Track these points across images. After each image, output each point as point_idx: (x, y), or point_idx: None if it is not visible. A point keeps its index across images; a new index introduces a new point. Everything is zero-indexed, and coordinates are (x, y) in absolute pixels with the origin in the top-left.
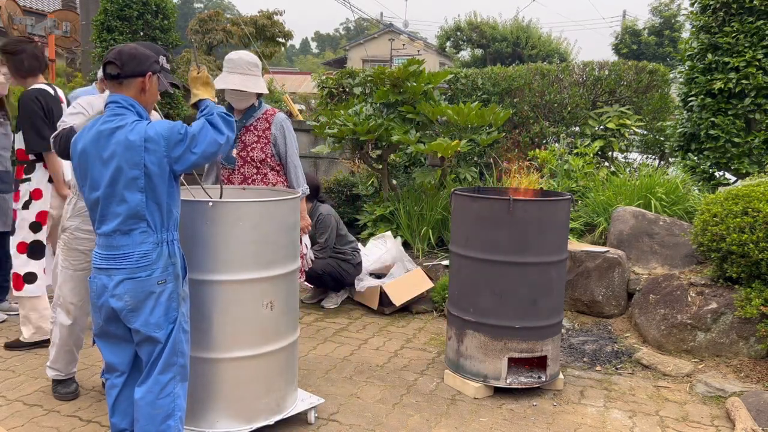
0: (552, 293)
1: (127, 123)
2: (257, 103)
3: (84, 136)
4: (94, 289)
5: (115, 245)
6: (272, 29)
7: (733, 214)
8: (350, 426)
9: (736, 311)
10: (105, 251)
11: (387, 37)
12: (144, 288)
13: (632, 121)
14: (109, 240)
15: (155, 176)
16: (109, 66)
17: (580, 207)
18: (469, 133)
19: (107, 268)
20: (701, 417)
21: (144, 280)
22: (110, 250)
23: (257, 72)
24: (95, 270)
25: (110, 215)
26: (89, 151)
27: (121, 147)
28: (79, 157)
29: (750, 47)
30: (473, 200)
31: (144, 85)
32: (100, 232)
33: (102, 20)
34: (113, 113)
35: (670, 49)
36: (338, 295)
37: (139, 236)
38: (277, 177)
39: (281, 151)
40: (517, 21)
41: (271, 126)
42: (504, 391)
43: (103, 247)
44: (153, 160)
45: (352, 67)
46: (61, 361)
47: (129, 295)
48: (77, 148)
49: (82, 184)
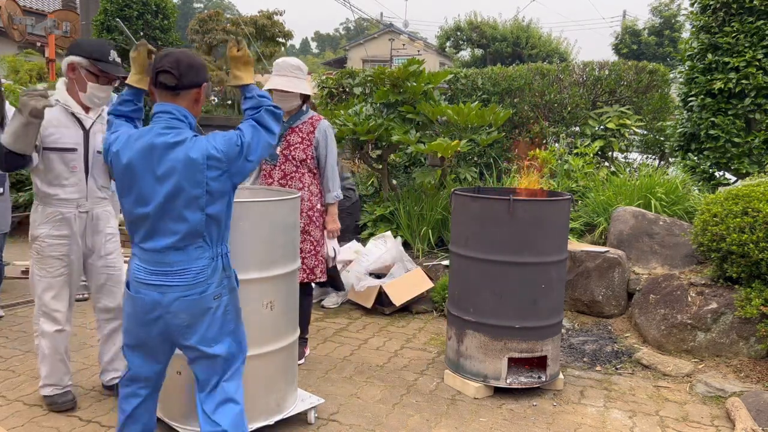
0: (552, 293)
1: (186, 138)
2: (305, 108)
3: (130, 147)
4: (141, 304)
5: (168, 262)
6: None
7: (733, 214)
8: (350, 426)
9: (736, 311)
10: (154, 267)
11: (387, 37)
12: (201, 305)
13: (632, 121)
14: (159, 256)
15: (216, 193)
16: (166, 76)
17: (580, 207)
18: (469, 133)
19: (158, 285)
20: (701, 417)
21: (200, 297)
22: (161, 266)
23: (301, 75)
24: (140, 285)
25: (163, 232)
26: (138, 165)
27: (181, 164)
28: (124, 170)
29: (750, 47)
30: (473, 200)
31: (199, 95)
32: (147, 248)
33: (102, 20)
34: (168, 126)
35: (670, 49)
36: (339, 295)
37: (195, 252)
38: (312, 179)
39: (321, 154)
40: (517, 21)
41: (316, 130)
42: (504, 391)
43: (151, 262)
44: (215, 177)
45: (352, 67)
46: (55, 374)
47: (185, 313)
48: (121, 160)
49: (125, 197)
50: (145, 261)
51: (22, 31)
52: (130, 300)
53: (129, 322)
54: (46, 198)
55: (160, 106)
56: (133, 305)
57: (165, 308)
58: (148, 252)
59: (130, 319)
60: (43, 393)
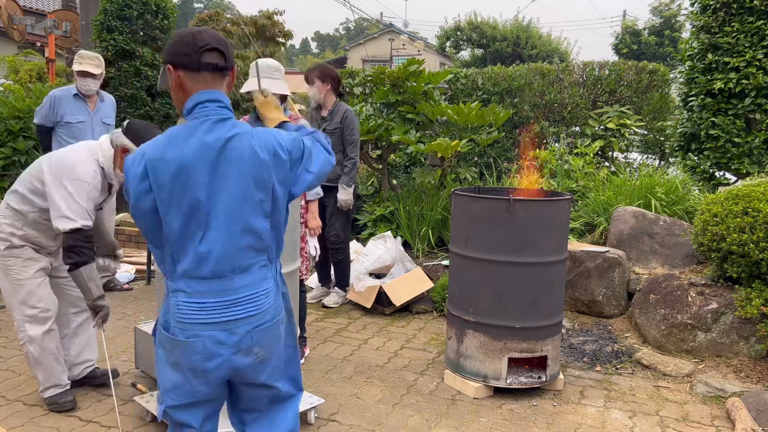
0: (552, 293)
1: (245, 130)
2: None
3: (178, 147)
4: (199, 351)
5: (233, 288)
6: (272, 29)
7: (734, 214)
8: (350, 426)
9: (737, 311)
10: (214, 298)
11: (387, 37)
12: (273, 333)
13: (632, 121)
14: (221, 283)
15: (278, 199)
16: (215, 54)
17: (580, 207)
18: (469, 133)
19: (223, 321)
20: (701, 417)
21: (272, 325)
22: (224, 296)
23: (279, 76)
24: (193, 326)
25: (225, 249)
26: (192, 166)
27: (245, 162)
28: (173, 177)
29: (750, 47)
30: (473, 200)
31: (233, 78)
32: (203, 275)
33: (102, 20)
34: (220, 117)
35: (671, 49)
36: (339, 294)
37: (260, 272)
38: None
39: None
40: (517, 21)
41: None
42: (504, 391)
43: (209, 293)
44: (279, 179)
45: (352, 67)
46: (53, 376)
47: (260, 346)
48: (167, 164)
49: (171, 213)
50: (200, 294)
51: (22, 31)
52: (177, 348)
53: (176, 376)
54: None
55: (205, 94)
56: (184, 354)
57: (234, 348)
58: (204, 281)
59: (176, 373)
60: (45, 396)
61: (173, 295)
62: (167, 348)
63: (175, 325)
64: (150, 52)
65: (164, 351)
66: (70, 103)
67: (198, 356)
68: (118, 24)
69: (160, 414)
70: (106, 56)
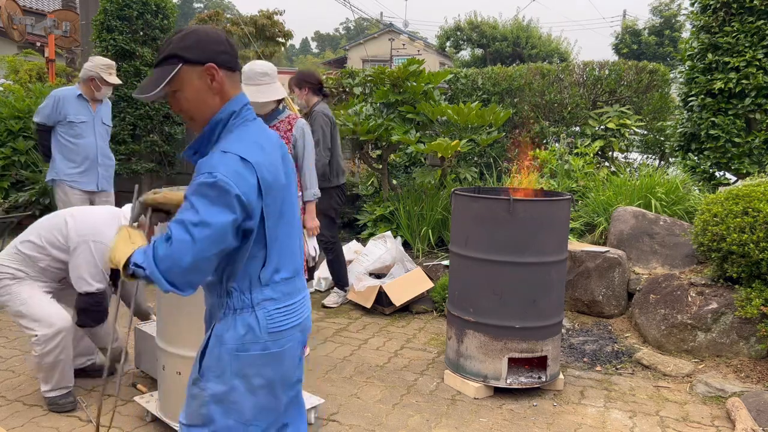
0: (552, 293)
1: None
2: (281, 107)
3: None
4: (291, 358)
5: (301, 287)
6: (272, 29)
7: (734, 214)
8: (350, 426)
9: (737, 311)
10: (292, 300)
11: (387, 37)
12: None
13: (632, 121)
14: (294, 284)
15: None
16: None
17: (580, 207)
18: (469, 133)
19: (299, 323)
20: (701, 417)
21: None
22: (297, 296)
23: (268, 80)
24: (286, 332)
25: (296, 249)
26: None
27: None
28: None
29: (750, 47)
30: (473, 200)
31: None
32: (284, 277)
33: (102, 20)
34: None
35: (671, 49)
36: (338, 294)
37: None
38: None
39: (299, 153)
40: (517, 21)
41: (293, 128)
42: (504, 391)
43: (291, 295)
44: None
45: (352, 67)
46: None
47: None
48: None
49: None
50: (287, 296)
51: (22, 31)
52: (269, 365)
53: (264, 399)
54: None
55: (245, 97)
56: (276, 367)
57: (302, 347)
58: (286, 283)
59: (264, 396)
60: (47, 396)
61: (260, 308)
62: (252, 371)
63: (268, 339)
64: (150, 52)
65: (245, 379)
66: (74, 104)
67: (291, 363)
68: (118, 24)
69: None
70: (106, 56)
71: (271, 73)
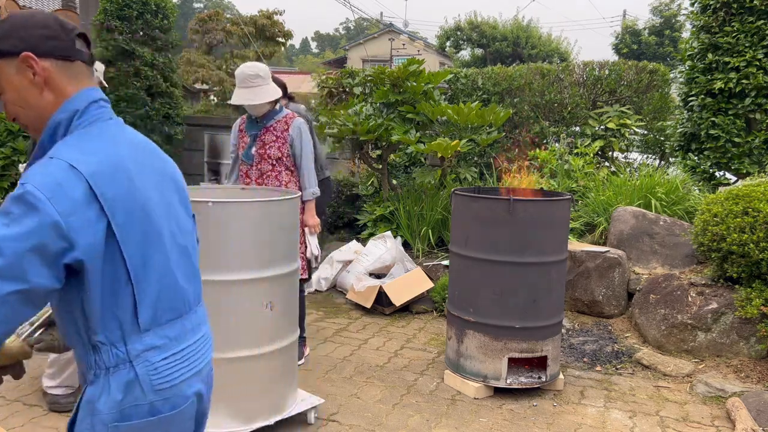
0: (552, 293)
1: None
2: (278, 107)
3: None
4: (191, 416)
5: (195, 324)
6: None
7: (734, 214)
8: (350, 426)
9: (737, 311)
10: (184, 343)
11: (387, 37)
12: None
13: (632, 121)
14: (183, 323)
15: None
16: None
17: (580, 207)
18: (469, 133)
19: (201, 369)
20: (701, 417)
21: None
22: (188, 338)
23: (260, 82)
24: (179, 387)
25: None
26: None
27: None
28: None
29: (750, 47)
30: (473, 200)
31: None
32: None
33: (102, 20)
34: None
35: (671, 49)
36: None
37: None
38: (290, 176)
39: (297, 152)
40: (517, 21)
41: (290, 128)
42: (504, 391)
43: (177, 339)
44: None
45: (352, 67)
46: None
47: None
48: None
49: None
50: (173, 341)
51: None
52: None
53: None
54: None
55: (96, 92)
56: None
57: (206, 399)
58: (172, 325)
59: None
60: (52, 392)
61: (140, 360)
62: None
63: (155, 399)
64: (150, 52)
65: None
66: None
67: (190, 422)
68: (118, 24)
69: None
70: (106, 56)
71: (263, 74)
